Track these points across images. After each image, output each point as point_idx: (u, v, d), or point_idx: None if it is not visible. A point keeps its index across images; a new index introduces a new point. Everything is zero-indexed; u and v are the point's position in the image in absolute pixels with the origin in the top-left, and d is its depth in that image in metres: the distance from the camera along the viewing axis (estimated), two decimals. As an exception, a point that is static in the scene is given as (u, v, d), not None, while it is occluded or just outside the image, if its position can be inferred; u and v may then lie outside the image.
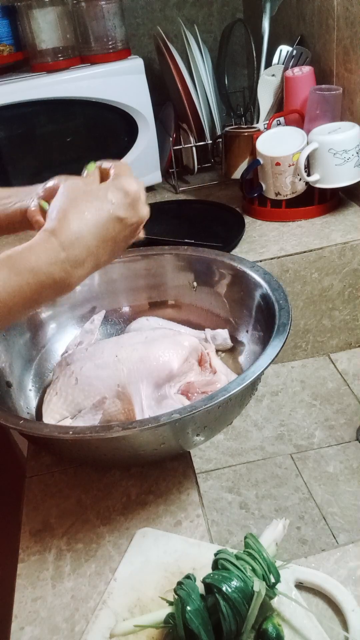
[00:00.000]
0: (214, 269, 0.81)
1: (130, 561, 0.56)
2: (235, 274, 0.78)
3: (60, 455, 0.69)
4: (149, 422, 0.54)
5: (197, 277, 0.83)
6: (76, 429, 0.55)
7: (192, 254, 0.83)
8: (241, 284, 0.77)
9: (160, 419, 0.54)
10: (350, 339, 1.11)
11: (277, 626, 0.48)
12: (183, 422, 0.56)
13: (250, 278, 0.75)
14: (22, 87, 1.16)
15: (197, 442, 0.64)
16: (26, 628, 0.53)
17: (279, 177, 1.06)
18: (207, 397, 0.56)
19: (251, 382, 0.57)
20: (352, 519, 0.80)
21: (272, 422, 0.99)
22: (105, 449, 0.59)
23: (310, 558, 0.55)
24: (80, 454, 0.64)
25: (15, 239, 1.35)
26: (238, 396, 0.58)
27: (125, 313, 0.87)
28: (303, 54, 1.17)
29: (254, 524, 0.82)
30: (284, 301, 0.68)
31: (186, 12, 1.48)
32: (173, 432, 0.58)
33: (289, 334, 0.63)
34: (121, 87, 1.20)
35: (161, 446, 0.60)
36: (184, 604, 0.46)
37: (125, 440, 0.57)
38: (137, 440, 0.58)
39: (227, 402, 0.57)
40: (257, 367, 0.58)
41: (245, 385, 0.56)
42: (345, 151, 1.01)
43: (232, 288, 0.79)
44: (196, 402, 0.55)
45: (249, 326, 0.76)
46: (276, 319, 0.65)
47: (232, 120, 1.45)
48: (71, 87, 1.18)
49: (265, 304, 0.71)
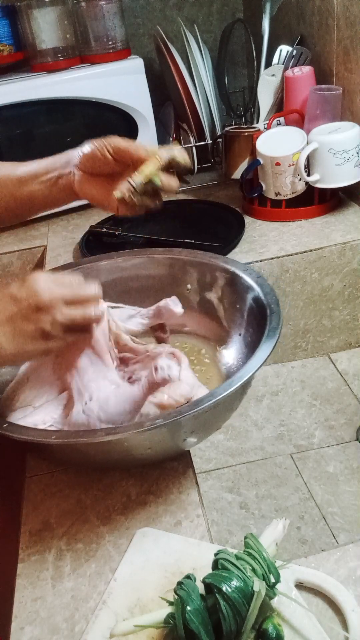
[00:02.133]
0: (208, 271, 0.80)
1: (130, 561, 0.56)
2: (228, 276, 0.77)
3: (43, 457, 0.69)
4: (133, 427, 0.54)
5: (191, 279, 0.82)
6: (60, 433, 0.55)
7: (186, 257, 0.82)
8: (234, 287, 0.76)
9: (145, 425, 0.53)
10: (350, 339, 1.11)
11: (277, 626, 0.48)
12: (169, 427, 0.56)
13: (243, 281, 0.75)
14: (22, 87, 1.16)
15: (185, 446, 0.63)
16: (26, 628, 0.53)
17: (279, 177, 1.06)
18: (193, 402, 0.55)
19: (241, 386, 0.56)
20: (352, 519, 0.80)
21: (272, 422, 0.99)
22: (89, 453, 0.59)
23: (310, 558, 0.55)
24: (62, 457, 0.64)
25: (15, 239, 1.35)
26: (227, 401, 0.57)
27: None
28: (303, 54, 1.17)
29: (254, 524, 0.82)
30: (276, 305, 0.68)
31: (186, 12, 1.48)
32: (159, 437, 0.58)
33: (279, 338, 0.62)
34: (121, 87, 1.20)
35: (147, 450, 0.59)
36: (184, 604, 0.46)
37: (110, 445, 0.56)
38: (122, 446, 0.57)
39: (215, 407, 0.56)
40: (245, 372, 0.58)
41: (233, 390, 0.56)
42: (345, 151, 1.01)
43: (225, 291, 0.79)
44: (182, 407, 0.55)
45: (242, 329, 0.76)
46: (267, 323, 0.65)
47: (232, 120, 1.45)
48: (71, 87, 1.18)
49: (258, 307, 0.71)
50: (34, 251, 1.22)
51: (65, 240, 1.20)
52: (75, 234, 1.20)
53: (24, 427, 0.60)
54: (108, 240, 1.13)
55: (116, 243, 1.11)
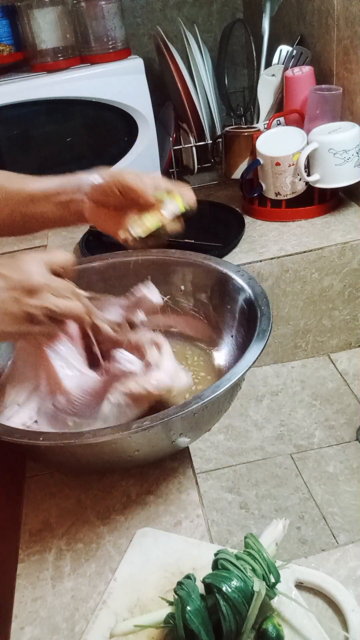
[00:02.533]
0: (200, 273, 0.80)
1: (130, 561, 0.56)
2: (220, 278, 0.77)
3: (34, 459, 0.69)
4: (120, 429, 0.54)
5: (184, 280, 0.82)
6: (47, 434, 0.55)
7: (179, 258, 0.82)
8: (226, 288, 0.76)
9: (132, 427, 0.53)
10: (350, 339, 1.11)
11: (277, 626, 0.48)
12: (157, 429, 0.55)
13: (235, 282, 0.75)
14: (22, 87, 1.16)
15: (175, 448, 0.63)
16: (26, 628, 0.53)
17: (279, 177, 1.06)
18: (180, 405, 0.55)
19: (229, 388, 0.56)
20: (352, 519, 0.80)
21: (272, 422, 0.99)
22: (77, 454, 0.59)
23: (310, 558, 0.55)
24: (52, 459, 0.64)
25: (16, 239, 1.35)
26: (215, 403, 0.57)
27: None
28: (303, 54, 1.17)
29: (254, 524, 0.82)
30: (266, 307, 0.68)
31: (186, 12, 1.48)
32: (146, 439, 0.58)
33: (268, 340, 0.62)
34: (121, 87, 1.20)
35: (135, 453, 0.59)
36: (184, 604, 0.46)
37: (98, 447, 0.56)
38: (109, 447, 0.57)
39: (204, 409, 0.56)
40: (233, 374, 0.57)
41: (222, 392, 0.55)
42: (345, 151, 1.01)
43: (217, 292, 0.79)
44: (170, 409, 0.55)
45: (233, 330, 0.76)
46: (257, 325, 0.65)
47: (232, 120, 1.45)
48: (71, 87, 1.18)
49: (249, 308, 0.71)
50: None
51: (65, 240, 1.20)
52: (75, 233, 1.20)
53: (11, 428, 0.59)
54: (108, 240, 1.13)
55: (116, 243, 1.10)
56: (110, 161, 1.28)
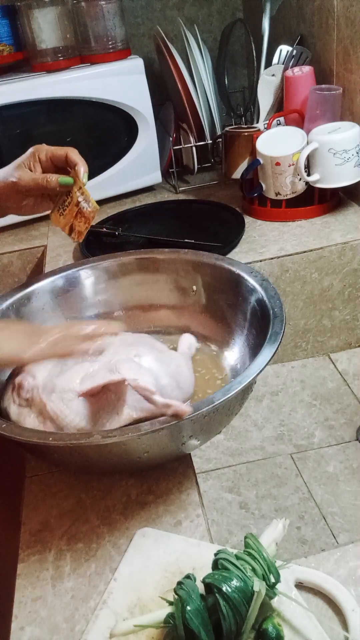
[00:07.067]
0: (213, 273, 0.80)
1: (130, 561, 0.56)
2: (233, 279, 0.77)
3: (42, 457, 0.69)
4: (130, 431, 0.54)
5: (196, 281, 0.83)
6: (56, 435, 0.55)
7: (191, 258, 0.82)
8: (239, 289, 0.77)
9: (142, 429, 0.53)
10: (350, 339, 1.11)
11: (277, 626, 0.48)
12: (167, 431, 0.56)
13: (248, 283, 0.75)
14: (22, 87, 1.16)
15: (184, 450, 0.63)
16: (26, 628, 0.53)
17: (279, 177, 1.06)
18: (192, 407, 0.56)
19: (240, 391, 0.56)
20: (352, 519, 0.80)
21: (272, 422, 0.99)
22: (87, 454, 0.59)
23: (310, 558, 0.55)
24: (60, 459, 0.64)
25: (15, 239, 1.35)
26: (226, 406, 0.58)
27: (119, 317, 0.87)
28: (303, 54, 1.17)
29: (254, 524, 0.82)
30: (279, 309, 0.68)
31: (186, 12, 1.48)
32: (157, 441, 0.58)
33: (280, 342, 0.62)
34: (121, 87, 1.20)
35: (145, 454, 0.59)
36: (184, 604, 0.46)
37: (107, 448, 0.56)
38: (119, 448, 0.57)
39: (215, 412, 0.57)
40: (245, 377, 0.58)
41: (233, 395, 0.56)
42: (345, 151, 1.01)
43: (229, 293, 0.79)
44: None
45: (245, 331, 0.76)
46: (270, 327, 0.65)
47: (232, 120, 1.45)
48: (71, 87, 1.18)
49: (261, 310, 0.71)
50: (34, 251, 1.22)
51: (66, 240, 1.19)
52: (75, 234, 1.20)
53: (22, 428, 0.60)
54: (108, 240, 1.13)
55: (116, 243, 1.11)
56: (111, 161, 1.28)
